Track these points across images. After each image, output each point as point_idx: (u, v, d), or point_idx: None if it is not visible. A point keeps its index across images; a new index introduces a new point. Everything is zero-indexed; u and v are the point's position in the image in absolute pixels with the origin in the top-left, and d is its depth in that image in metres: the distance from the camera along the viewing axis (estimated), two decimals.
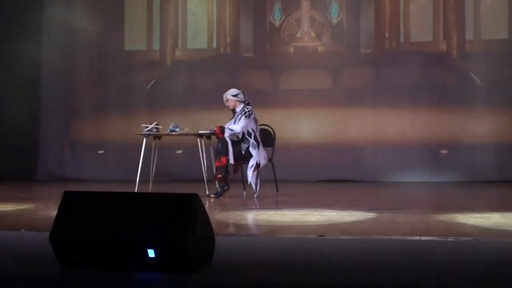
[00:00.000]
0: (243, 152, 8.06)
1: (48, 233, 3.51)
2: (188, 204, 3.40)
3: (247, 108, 8.09)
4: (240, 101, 8.17)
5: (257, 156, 8.03)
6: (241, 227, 5.69)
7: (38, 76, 12.38)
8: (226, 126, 8.14)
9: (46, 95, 12.43)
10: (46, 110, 12.42)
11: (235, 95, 8.16)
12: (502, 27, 11.23)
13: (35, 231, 4.97)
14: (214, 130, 8.15)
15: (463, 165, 11.02)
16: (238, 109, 8.15)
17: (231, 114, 8.29)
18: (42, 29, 12.32)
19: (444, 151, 11.27)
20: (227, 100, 8.21)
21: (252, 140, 8.04)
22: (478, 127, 11.11)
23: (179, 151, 11.76)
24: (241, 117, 8.06)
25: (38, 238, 4.43)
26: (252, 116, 8.09)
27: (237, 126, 8.04)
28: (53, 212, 3.81)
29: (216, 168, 8.06)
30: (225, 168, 7.99)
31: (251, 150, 8.02)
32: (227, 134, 8.00)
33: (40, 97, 12.45)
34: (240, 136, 8.08)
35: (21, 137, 12.04)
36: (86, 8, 12.18)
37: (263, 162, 8.09)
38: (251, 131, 8.07)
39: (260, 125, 8.29)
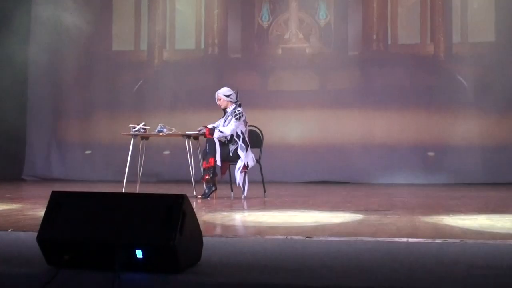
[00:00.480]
0: (231, 154, 8.05)
1: (35, 233, 3.50)
2: (176, 205, 3.39)
3: (238, 110, 8.07)
4: (232, 102, 8.16)
5: (245, 158, 8.02)
6: (228, 228, 5.69)
7: (25, 76, 12.34)
8: (216, 124, 8.16)
9: (33, 95, 12.39)
10: (33, 110, 12.38)
11: (227, 96, 8.14)
12: (489, 30, 11.30)
13: (22, 231, 4.94)
14: (203, 131, 8.14)
15: (450, 167, 11.08)
16: (229, 110, 8.14)
17: (220, 114, 8.28)
18: (29, 29, 12.27)
19: (431, 153, 11.32)
20: (219, 99, 8.19)
21: (240, 142, 8.03)
22: (465, 129, 11.17)
23: (166, 152, 11.75)
24: (231, 118, 8.05)
25: (26, 238, 4.42)
26: (243, 119, 8.08)
27: (227, 129, 8.03)
28: (41, 212, 3.80)
29: (204, 169, 8.03)
30: (212, 169, 7.97)
31: (239, 152, 8.02)
32: (216, 136, 7.99)
33: (27, 97, 12.41)
34: (229, 138, 8.08)
35: (8, 137, 11.98)
36: (73, 8, 12.13)
37: (251, 164, 8.09)
38: (240, 133, 8.05)
39: (248, 126, 8.28)
